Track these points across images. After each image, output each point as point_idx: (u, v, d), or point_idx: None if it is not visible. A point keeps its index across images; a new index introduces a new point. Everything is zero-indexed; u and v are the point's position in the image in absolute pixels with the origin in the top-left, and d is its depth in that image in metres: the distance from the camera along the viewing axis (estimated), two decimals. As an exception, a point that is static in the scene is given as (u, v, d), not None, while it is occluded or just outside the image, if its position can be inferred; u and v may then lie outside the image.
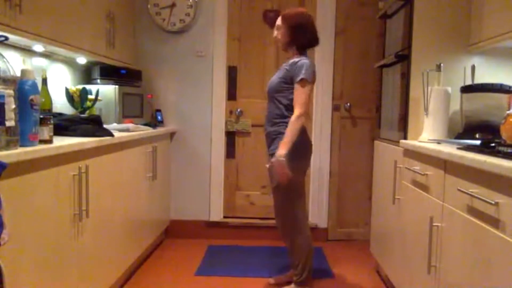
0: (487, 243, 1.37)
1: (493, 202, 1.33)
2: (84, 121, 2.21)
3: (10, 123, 1.40)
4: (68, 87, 2.77)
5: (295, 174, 2.39)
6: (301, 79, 2.35)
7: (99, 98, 2.87)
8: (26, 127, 1.51)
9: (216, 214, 3.72)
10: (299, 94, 2.37)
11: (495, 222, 1.33)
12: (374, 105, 3.52)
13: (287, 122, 2.39)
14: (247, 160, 3.73)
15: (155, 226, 3.27)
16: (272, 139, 2.47)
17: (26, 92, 1.52)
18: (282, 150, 2.33)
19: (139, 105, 3.31)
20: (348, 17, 3.60)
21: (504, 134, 1.65)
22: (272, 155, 2.42)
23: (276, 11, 3.66)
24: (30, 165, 1.51)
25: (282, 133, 2.38)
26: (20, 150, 1.43)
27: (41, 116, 1.63)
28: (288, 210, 2.49)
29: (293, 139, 2.34)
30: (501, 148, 1.46)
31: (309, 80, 2.37)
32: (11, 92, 1.40)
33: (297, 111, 2.35)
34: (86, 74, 3.25)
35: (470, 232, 1.50)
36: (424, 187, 1.99)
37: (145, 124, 3.13)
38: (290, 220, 2.50)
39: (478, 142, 1.76)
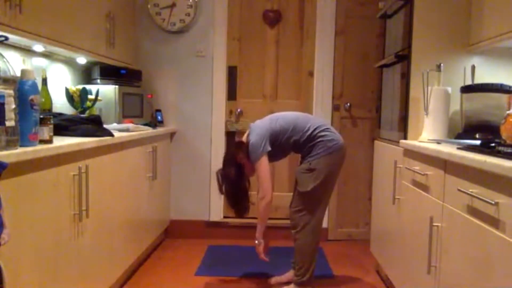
0: (487, 243, 1.37)
1: (493, 202, 1.33)
2: (84, 121, 2.21)
3: (10, 123, 1.40)
4: (68, 87, 2.77)
5: (319, 188, 2.46)
6: (254, 164, 2.49)
7: (99, 98, 2.87)
8: (26, 127, 1.51)
9: (216, 214, 3.72)
10: (257, 176, 2.52)
11: (495, 222, 1.33)
12: (374, 105, 3.52)
13: (313, 140, 2.46)
14: (247, 160, 3.73)
15: (155, 226, 3.27)
16: (307, 153, 2.49)
17: (26, 92, 1.51)
18: (257, 233, 2.60)
19: (139, 105, 3.31)
20: (348, 16, 3.60)
21: (504, 134, 1.65)
22: (308, 163, 2.46)
23: (276, 11, 3.68)
24: (30, 165, 1.51)
25: (319, 144, 2.45)
26: (20, 150, 1.43)
27: (41, 116, 1.63)
28: (303, 212, 2.50)
29: (263, 222, 2.58)
30: (501, 148, 1.46)
31: (260, 157, 2.46)
32: (11, 92, 1.40)
33: (259, 193, 2.53)
34: (86, 74, 3.25)
35: (470, 232, 1.50)
36: (424, 187, 1.99)
37: (145, 124, 3.13)
38: (303, 221, 2.50)
39: (478, 142, 1.76)
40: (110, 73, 3.16)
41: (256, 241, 2.62)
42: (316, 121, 2.54)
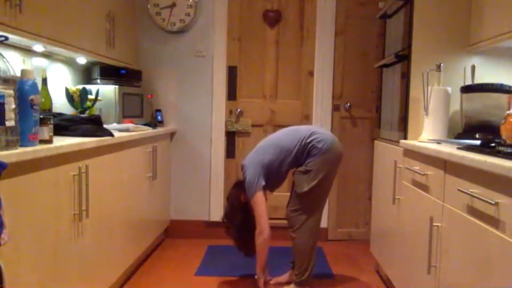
0: (487, 243, 1.37)
1: (493, 202, 1.33)
2: (84, 121, 2.21)
3: (10, 123, 1.40)
4: (68, 87, 2.77)
5: (316, 188, 2.48)
6: (250, 200, 2.53)
7: (99, 98, 2.87)
8: (26, 127, 1.51)
9: (216, 214, 3.71)
10: (254, 212, 2.54)
11: (495, 222, 1.33)
12: (374, 105, 3.53)
13: (305, 149, 2.49)
14: (247, 160, 3.73)
15: (155, 226, 3.27)
16: (304, 160, 2.51)
17: (26, 92, 1.51)
18: (257, 269, 2.63)
19: (139, 105, 3.31)
20: (348, 16, 3.60)
21: (504, 134, 1.65)
22: (305, 165, 2.49)
23: (276, 11, 3.67)
24: (30, 165, 1.51)
25: (311, 149, 2.48)
26: (20, 150, 1.43)
27: (41, 116, 1.63)
28: (299, 212, 2.52)
29: (263, 257, 2.59)
30: (501, 148, 1.46)
31: (254, 193, 2.50)
32: (11, 92, 1.40)
33: (257, 229, 2.54)
34: (86, 74, 3.25)
35: (470, 232, 1.50)
36: (424, 187, 1.99)
37: (145, 124, 3.13)
38: (300, 220, 2.52)
39: (478, 142, 1.76)
40: (110, 73, 3.15)
41: (256, 276, 2.65)
42: (301, 131, 2.55)
